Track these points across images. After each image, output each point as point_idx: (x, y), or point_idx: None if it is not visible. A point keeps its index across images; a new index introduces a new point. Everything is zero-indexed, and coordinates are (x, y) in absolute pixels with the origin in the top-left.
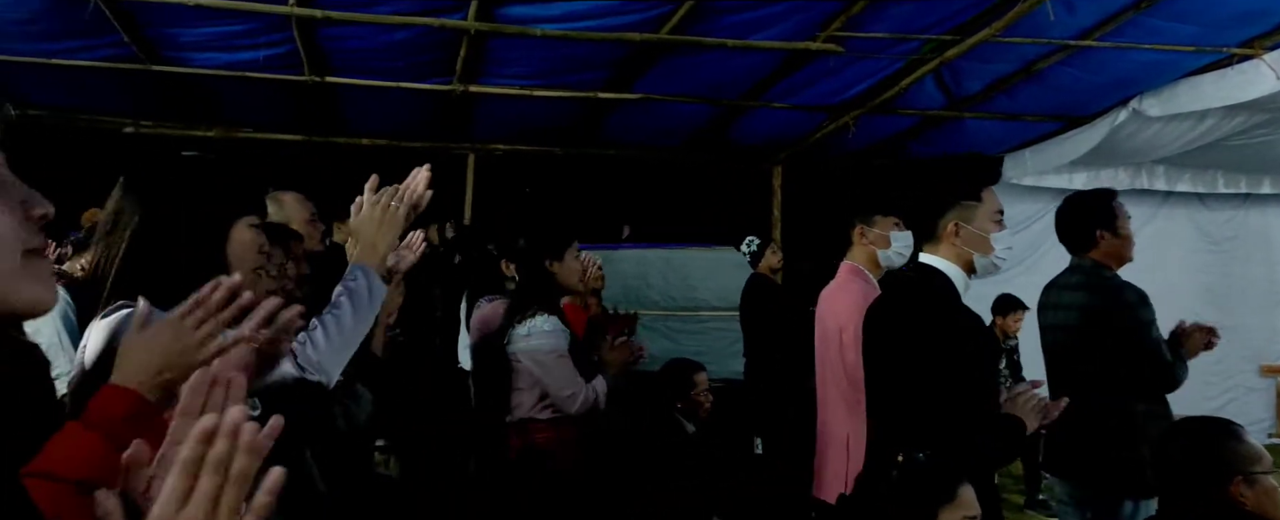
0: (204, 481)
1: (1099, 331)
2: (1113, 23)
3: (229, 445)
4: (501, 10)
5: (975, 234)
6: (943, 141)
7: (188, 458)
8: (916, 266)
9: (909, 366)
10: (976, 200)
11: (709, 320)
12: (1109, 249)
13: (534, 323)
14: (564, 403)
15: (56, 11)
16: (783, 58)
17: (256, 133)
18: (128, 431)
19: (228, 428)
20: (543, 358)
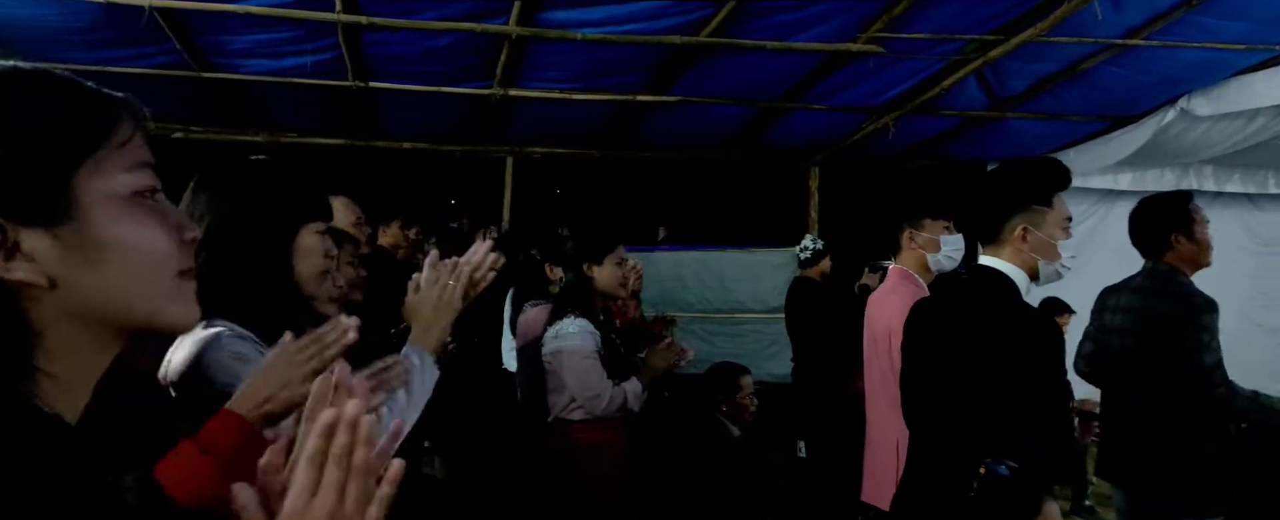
0: (330, 473)
1: (1169, 339)
2: (1161, 21)
3: (350, 437)
4: (542, 15)
5: (1043, 240)
6: (984, 142)
7: (313, 451)
8: (976, 268)
9: (973, 368)
10: (1047, 206)
11: (745, 323)
12: (1184, 253)
13: (562, 325)
14: (589, 403)
15: (113, 20)
16: (822, 59)
17: (301, 137)
18: (238, 457)
19: (348, 420)
20: (568, 359)
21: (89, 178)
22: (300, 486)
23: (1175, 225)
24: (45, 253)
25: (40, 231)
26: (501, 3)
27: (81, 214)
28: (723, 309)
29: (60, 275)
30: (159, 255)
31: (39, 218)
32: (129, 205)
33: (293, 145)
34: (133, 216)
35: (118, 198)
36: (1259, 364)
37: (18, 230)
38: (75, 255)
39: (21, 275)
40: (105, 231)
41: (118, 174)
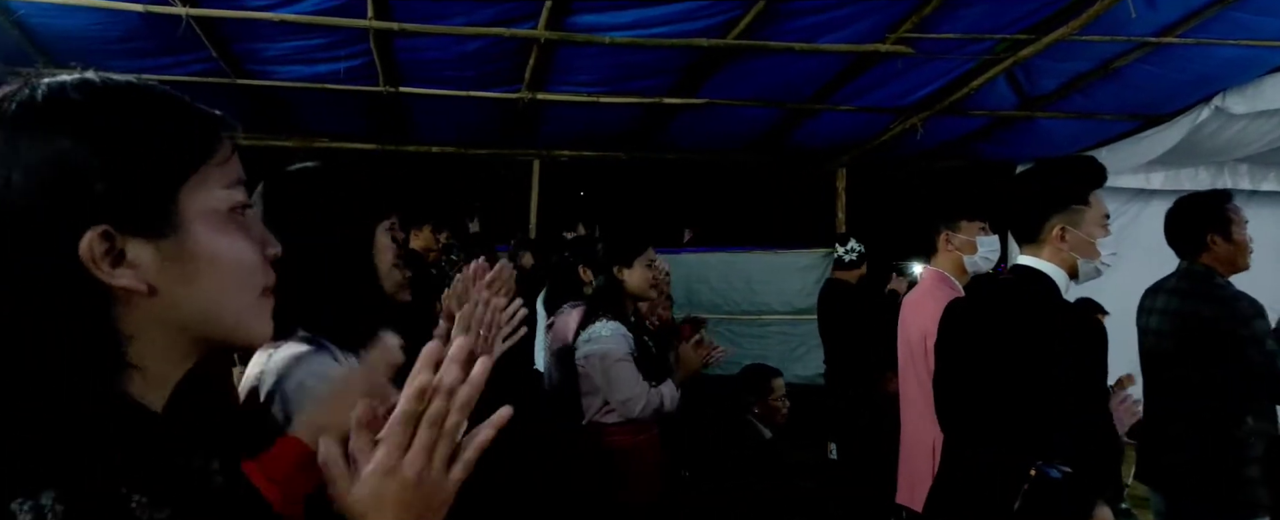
0: (422, 434)
1: (1208, 342)
2: (1196, 18)
3: (445, 403)
4: (571, 19)
5: (1082, 238)
6: (1014, 142)
7: (406, 410)
8: (1017, 268)
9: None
10: (1084, 204)
11: (771, 324)
12: (1221, 254)
13: (595, 328)
14: (624, 407)
15: (151, 29)
16: (850, 60)
17: (332, 142)
18: (300, 479)
19: (447, 386)
20: (601, 362)
21: (192, 193)
22: (392, 444)
23: (1212, 225)
24: (147, 262)
25: (144, 242)
26: (530, 7)
27: (183, 227)
28: (749, 311)
29: (158, 284)
30: (248, 270)
31: (145, 229)
32: (225, 220)
33: (324, 150)
34: (227, 231)
35: (216, 213)
36: None
37: (125, 240)
38: (174, 266)
39: (125, 282)
40: (202, 245)
41: (217, 189)
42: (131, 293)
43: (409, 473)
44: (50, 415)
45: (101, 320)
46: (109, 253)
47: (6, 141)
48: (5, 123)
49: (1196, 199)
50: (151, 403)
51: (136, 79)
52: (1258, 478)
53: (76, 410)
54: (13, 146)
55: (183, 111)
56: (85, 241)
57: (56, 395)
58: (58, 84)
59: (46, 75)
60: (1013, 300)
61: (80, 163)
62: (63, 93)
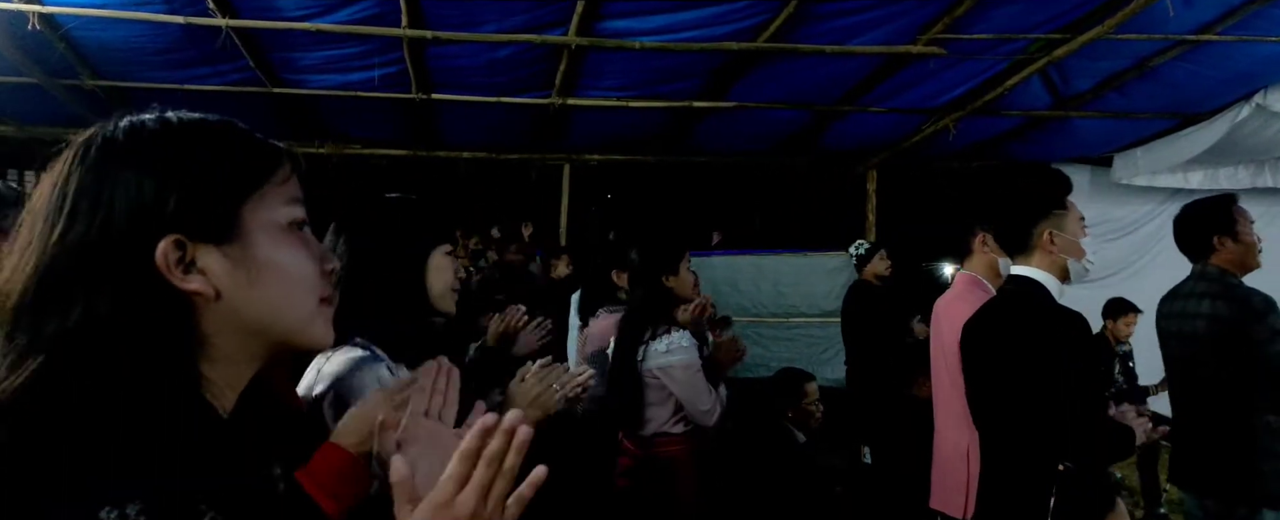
0: (480, 472)
1: (1226, 341)
2: (1235, 15)
3: (505, 443)
4: (600, 24)
5: (1069, 241)
6: (1047, 142)
7: (468, 449)
8: (1012, 278)
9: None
10: (1064, 209)
11: (799, 327)
12: (1230, 255)
13: (672, 339)
14: (702, 416)
15: (193, 40)
16: (881, 62)
17: (364, 148)
18: (342, 486)
19: (507, 426)
20: (681, 373)
21: (256, 208)
22: (450, 476)
23: (1217, 228)
24: (215, 268)
25: (212, 249)
26: (561, 14)
27: (247, 237)
28: (777, 313)
29: (225, 289)
30: (306, 278)
31: (213, 237)
32: (285, 233)
33: (356, 156)
34: (287, 243)
35: (277, 226)
36: None
37: (196, 247)
38: (239, 272)
39: (195, 286)
40: (264, 253)
41: (279, 206)
42: (203, 297)
43: (462, 510)
44: (136, 421)
45: (179, 323)
46: (181, 260)
47: (95, 171)
48: (95, 155)
49: (1201, 204)
50: (222, 408)
51: (206, 116)
52: None
53: (160, 416)
54: (101, 175)
55: (244, 140)
56: (160, 249)
57: (142, 400)
58: (139, 121)
59: (129, 115)
60: (1012, 311)
61: (155, 185)
62: (142, 128)
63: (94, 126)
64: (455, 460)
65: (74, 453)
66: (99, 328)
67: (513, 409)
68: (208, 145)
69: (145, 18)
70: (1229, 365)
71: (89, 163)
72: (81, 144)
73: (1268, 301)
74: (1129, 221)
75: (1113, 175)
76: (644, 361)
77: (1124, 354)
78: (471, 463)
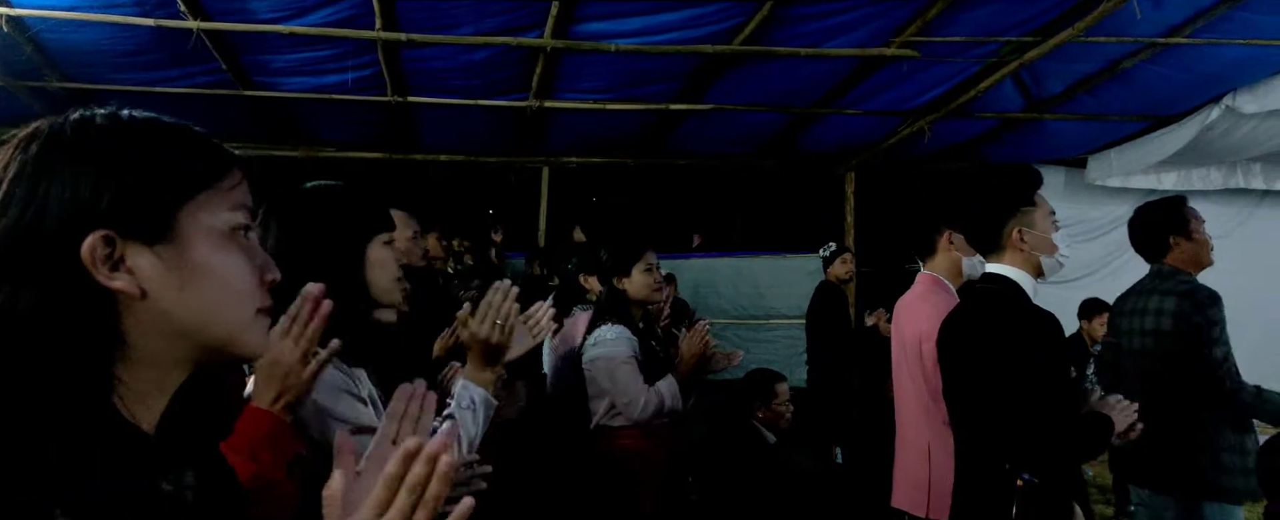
0: (402, 498)
1: (1175, 336)
2: (1204, 18)
3: (427, 470)
4: (576, 27)
5: (1040, 237)
6: (1021, 144)
7: (391, 474)
8: (988, 277)
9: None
10: (1033, 205)
11: (778, 328)
12: (1184, 254)
13: (600, 332)
14: (625, 409)
15: (163, 43)
16: (856, 64)
17: (338, 151)
18: (268, 450)
19: (428, 454)
20: (606, 365)
21: (195, 211)
22: (374, 500)
23: (1171, 228)
24: (145, 268)
25: (144, 249)
26: (536, 16)
27: (182, 239)
28: (756, 315)
29: (153, 290)
30: (242, 285)
31: (145, 236)
32: (225, 239)
33: (331, 159)
34: (226, 249)
35: (216, 231)
36: None
37: (126, 245)
38: (171, 274)
39: (120, 285)
40: (200, 257)
41: (221, 211)
42: (128, 295)
43: None
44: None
45: (99, 320)
46: (109, 258)
47: (36, 161)
48: (39, 146)
49: (1154, 207)
50: (141, 417)
51: (159, 116)
52: (1233, 466)
53: (51, 417)
54: (41, 165)
55: (192, 142)
56: (87, 244)
57: (37, 398)
58: (89, 115)
59: (83, 111)
60: (986, 310)
61: (92, 179)
62: (90, 122)
63: (45, 120)
64: (378, 485)
65: None
66: (17, 318)
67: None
68: (151, 144)
69: (115, 20)
70: (1182, 359)
71: (31, 153)
72: (27, 134)
73: (1213, 296)
74: (1104, 222)
75: (1087, 177)
76: (583, 356)
77: (1098, 353)
78: (393, 489)
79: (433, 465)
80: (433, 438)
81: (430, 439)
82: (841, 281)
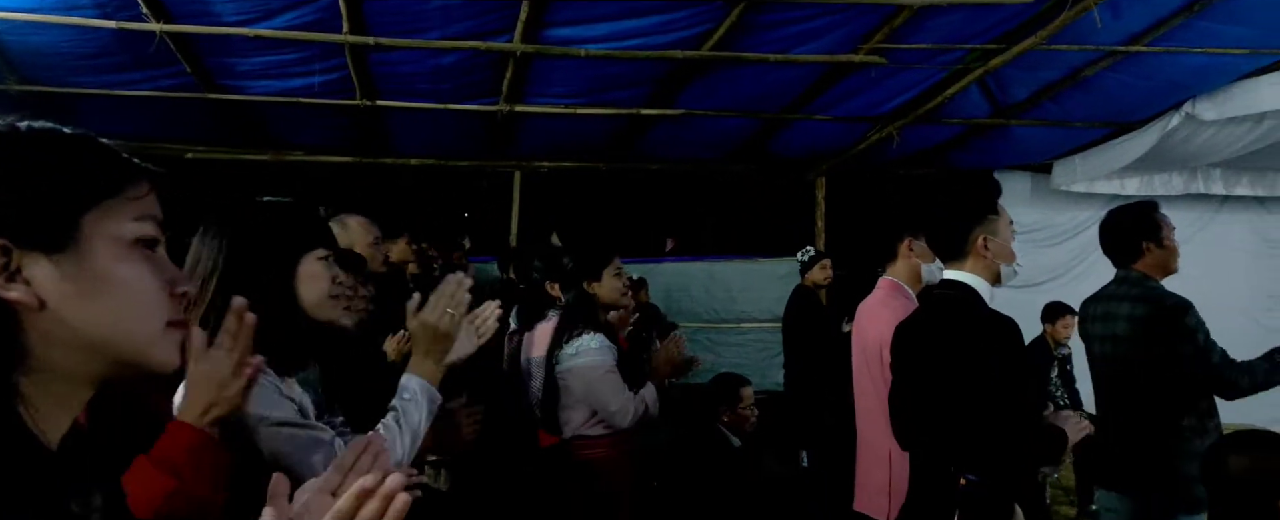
0: None
1: (1145, 342)
2: (1163, 27)
3: (381, 508)
4: (546, 32)
5: (1002, 245)
6: (988, 150)
7: (342, 509)
8: (948, 283)
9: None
10: (996, 214)
11: (750, 332)
12: (1155, 260)
13: (581, 341)
14: (614, 418)
15: (124, 45)
16: (825, 70)
17: (308, 155)
18: (191, 466)
19: (385, 491)
20: (590, 374)
21: (98, 220)
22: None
23: (1145, 234)
24: (43, 279)
25: (41, 258)
26: (505, 21)
27: (83, 249)
28: (728, 319)
29: (52, 300)
30: (148, 299)
31: (42, 245)
32: (129, 250)
33: (300, 163)
34: (130, 261)
35: (120, 241)
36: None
37: (22, 255)
38: (70, 285)
39: (16, 295)
40: (102, 268)
41: (125, 221)
42: (25, 306)
43: None
44: None
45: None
46: (5, 268)
47: None
48: None
49: (1128, 210)
50: (46, 431)
51: (58, 126)
52: (1197, 475)
53: None
54: None
55: (95, 151)
56: None
57: None
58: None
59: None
60: (944, 316)
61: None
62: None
63: None
64: (329, 517)
65: None
66: None
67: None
68: (50, 152)
69: (75, 21)
70: (1147, 368)
71: None
72: None
73: (1183, 303)
74: (1069, 227)
75: (1052, 182)
76: (558, 365)
77: (1063, 357)
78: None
79: (387, 503)
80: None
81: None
82: (818, 287)
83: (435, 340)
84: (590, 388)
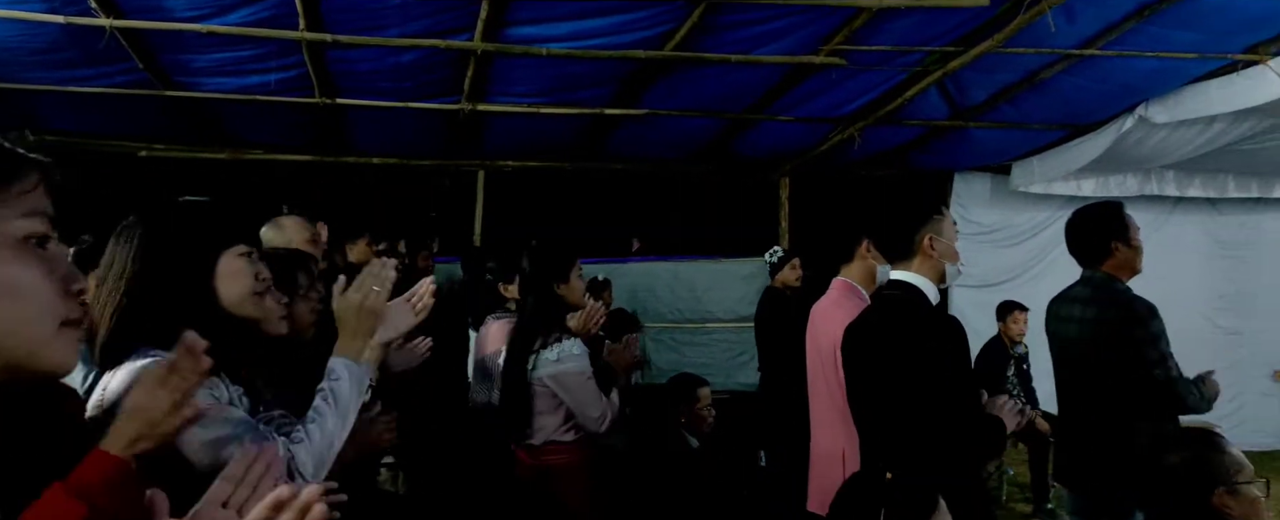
0: None
1: (1110, 344)
2: (1115, 31)
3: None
4: (507, 31)
5: (947, 245)
6: (947, 152)
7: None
8: (895, 284)
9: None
10: (942, 214)
11: (716, 332)
12: (1122, 260)
13: (563, 347)
14: (593, 423)
15: (74, 41)
16: (786, 71)
17: (266, 154)
18: (107, 495)
19: (300, 503)
20: (571, 380)
21: None
22: None
23: (1114, 234)
24: None
25: None
26: (466, 19)
27: None
28: (693, 319)
29: None
30: (40, 299)
31: None
32: (17, 248)
33: (258, 162)
34: (20, 260)
35: (7, 239)
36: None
37: None
38: None
39: None
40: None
41: (13, 219)
42: None
43: None
44: None
45: None
46: None
47: None
48: None
49: (1096, 210)
50: None
51: None
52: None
53: None
54: None
55: None
56: None
57: None
58: None
59: None
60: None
61: None
62: None
63: None
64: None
65: None
66: None
67: None
68: None
69: (21, 16)
70: (1110, 368)
71: None
72: None
73: (1150, 308)
74: (1028, 227)
75: (1011, 183)
76: (534, 370)
77: (1019, 355)
78: None
79: (302, 515)
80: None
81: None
82: (789, 287)
83: (360, 319)
84: (573, 394)
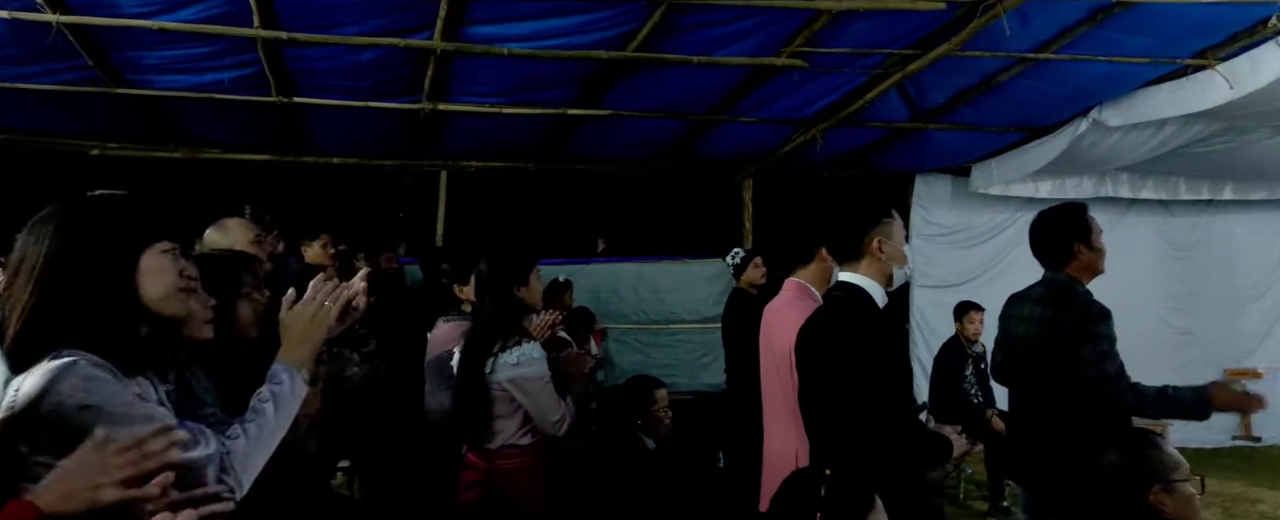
0: None
1: (1061, 345)
2: (1068, 36)
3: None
4: (467, 30)
5: (895, 248)
6: (908, 154)
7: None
8: (842, 285)
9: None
10: (891, 218)
11: (679, 333)
12: (1084, 262)
13: (523, 350)
14: (552, 427)
15: (20, 37)
16: (748, 73)
17: (224, 154)
18: None
19: None
20: (531, 384)
21: None
22: None
23: (1077, 235)
24: None
25: None
26: (425, 18)
27: None
28: (657, 320)
29: None
30: None
31: None
32: None
33: (215, 161)
34: None
35: None
36: (1167, 363)
37: None
38: None
39: None
40: None
41: None
42: None
43: None
44: None
45: None
46: None
47: None
48: None
49: (1059, 212)
50: None
51: None
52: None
53: None
54: None
55: None
56: None
57: None
58: None
59: None
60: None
61: None
62: None
63: None
64: None
65: None
66: None
67: None
68: None
69: None
70: (1061, 370)
71: None
72: None
73: (1104, 311)
74: (987, 229)
75: (971, 185)
76: (493, 373)
77: (977, 354)
78: None
79: None
80: None
81: None
82: (755, 286)
83: (310, 329)
84: (533, 397)
